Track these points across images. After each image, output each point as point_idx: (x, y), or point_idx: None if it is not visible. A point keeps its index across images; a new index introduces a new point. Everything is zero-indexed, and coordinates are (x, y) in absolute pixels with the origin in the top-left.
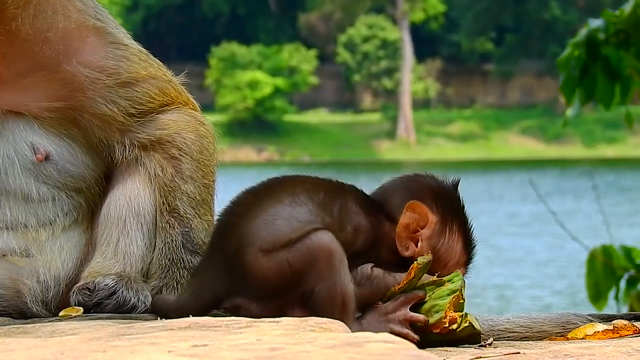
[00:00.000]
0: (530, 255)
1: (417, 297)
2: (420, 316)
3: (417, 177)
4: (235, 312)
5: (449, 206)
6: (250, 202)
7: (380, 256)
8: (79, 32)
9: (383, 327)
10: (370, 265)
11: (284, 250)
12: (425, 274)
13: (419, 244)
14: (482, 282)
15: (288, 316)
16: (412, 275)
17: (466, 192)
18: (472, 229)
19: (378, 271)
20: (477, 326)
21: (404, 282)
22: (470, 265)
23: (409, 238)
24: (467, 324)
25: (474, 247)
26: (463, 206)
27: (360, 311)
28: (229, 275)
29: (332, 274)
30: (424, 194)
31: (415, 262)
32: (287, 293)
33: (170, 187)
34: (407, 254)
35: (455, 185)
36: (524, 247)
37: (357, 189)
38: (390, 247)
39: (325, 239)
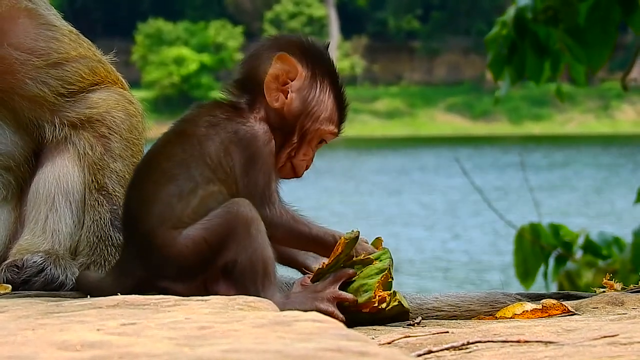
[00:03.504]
0: (461, 232)
1: (346, 274)
2: (349, 295)
3: (282, 36)
4: (163, 293)
5: (319, 62)
6: (141, 193)
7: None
8: (10, 13)
9: (310, 305)
10: (275, 199)
11: (197, 224)
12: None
13: (289, 96)
14: (411, 258)
15: (214, 291)
16: (339, 250)
17: (394, 167)
18: (343, 89)
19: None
20: (405, 304)
21: (332, 259)
22: (343, 125)
23: (279, 90)
24: (396, 303)
25: (346, 106)
26: (334, 66)
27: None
28: (147, 262)
29: (251, 242)
30: (293, 49)
31: (342, 237)
32: (208, 267)
33: (100, 165)
34: (276, 105)
35: (326, 47)
36: (455, 224)
37: (200, 106)
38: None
39: (241, 207)
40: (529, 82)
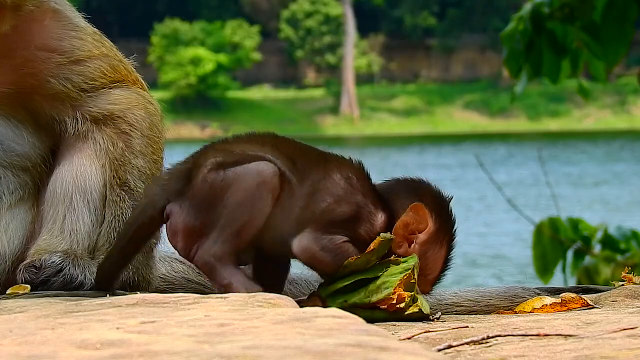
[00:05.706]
0: (499, 226)
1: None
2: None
3: (422, 183)
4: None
5: (446, 220)
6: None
7: (357, 233)
8: (37, 15)
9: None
10: (344, 238)
11: (225, 169)
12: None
13: (412, 246)
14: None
15: (207, 233)
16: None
17: (415, 165)
18: (454, 250)
19: (348, 246)
20: (426, 310)
21: (362, 255)
22: (438, 284)
23: (405, 238)
24: (416, 309)
25: (448, 269)
26: (455, 224)
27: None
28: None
29: (251, 200)
30: (429, 201)
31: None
32: (213, 208)
33: (121, 161)
34: (399, 251)
35: (450, 200)
36: (477, 221)
37: (361, 167)
38: (371, 233)
39: (265, 167)
40: (546, 78)
